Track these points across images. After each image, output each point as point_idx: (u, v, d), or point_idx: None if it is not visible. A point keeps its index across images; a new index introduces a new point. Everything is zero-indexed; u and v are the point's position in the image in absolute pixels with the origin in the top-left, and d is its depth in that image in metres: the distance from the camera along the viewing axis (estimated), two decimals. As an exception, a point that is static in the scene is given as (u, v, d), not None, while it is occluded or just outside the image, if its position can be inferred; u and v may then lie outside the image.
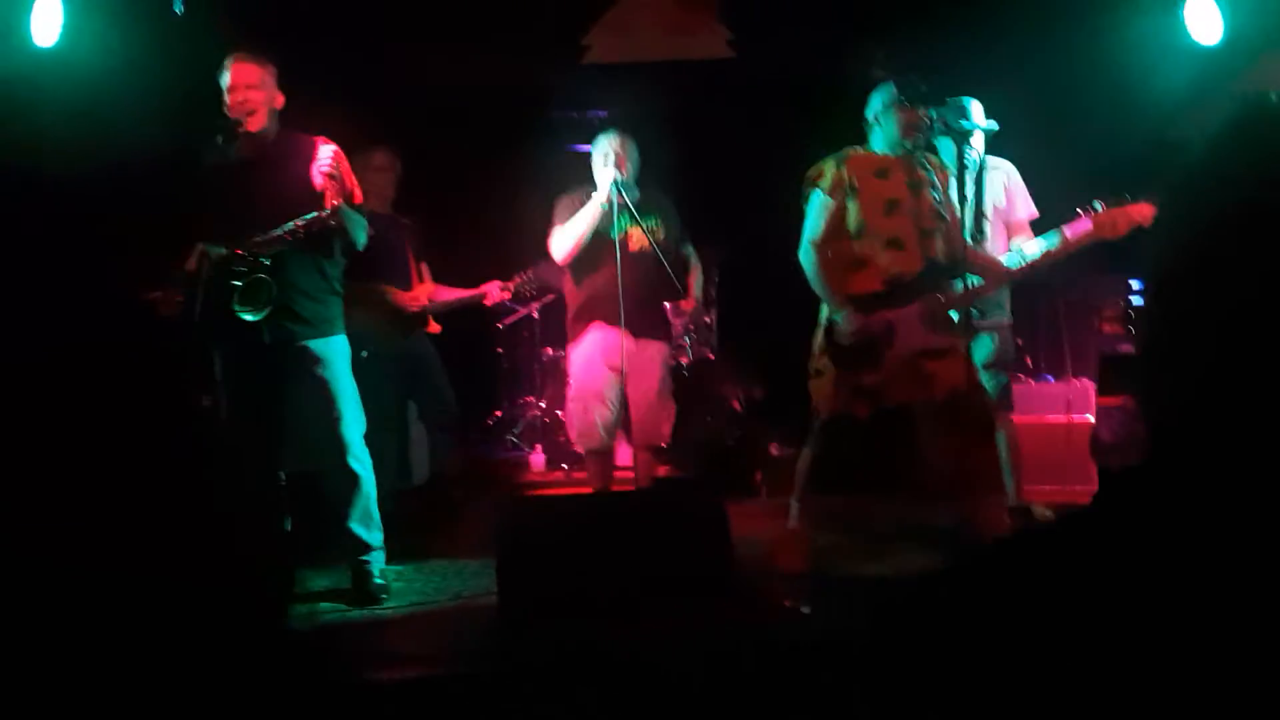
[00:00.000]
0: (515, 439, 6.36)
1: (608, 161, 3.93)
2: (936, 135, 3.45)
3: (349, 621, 3.31)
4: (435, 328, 4.63)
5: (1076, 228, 3.40)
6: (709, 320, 6.16)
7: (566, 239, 3.94)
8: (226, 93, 3.29)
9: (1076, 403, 4.48)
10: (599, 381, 3.96)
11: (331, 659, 3.01)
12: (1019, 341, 4.91)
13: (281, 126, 3.37)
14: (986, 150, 3.97)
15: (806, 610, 3.12)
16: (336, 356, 3.41)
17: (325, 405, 3.36)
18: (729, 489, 5.02)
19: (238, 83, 3.28)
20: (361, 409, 3.45)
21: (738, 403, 5.96)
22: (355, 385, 3.45)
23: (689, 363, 5.92)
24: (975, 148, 3.89)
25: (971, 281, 3.52)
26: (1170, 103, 3.96)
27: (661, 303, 4.06)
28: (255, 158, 3.34)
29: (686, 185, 5.78)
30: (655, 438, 4.07)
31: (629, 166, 3.96)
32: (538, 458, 6.00)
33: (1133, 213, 3.24)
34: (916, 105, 3.36)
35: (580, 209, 3.94)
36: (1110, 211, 3.26)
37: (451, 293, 4.64)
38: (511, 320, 6.16)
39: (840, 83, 5.49)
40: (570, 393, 4.09)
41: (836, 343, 3.39)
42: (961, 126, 3.72)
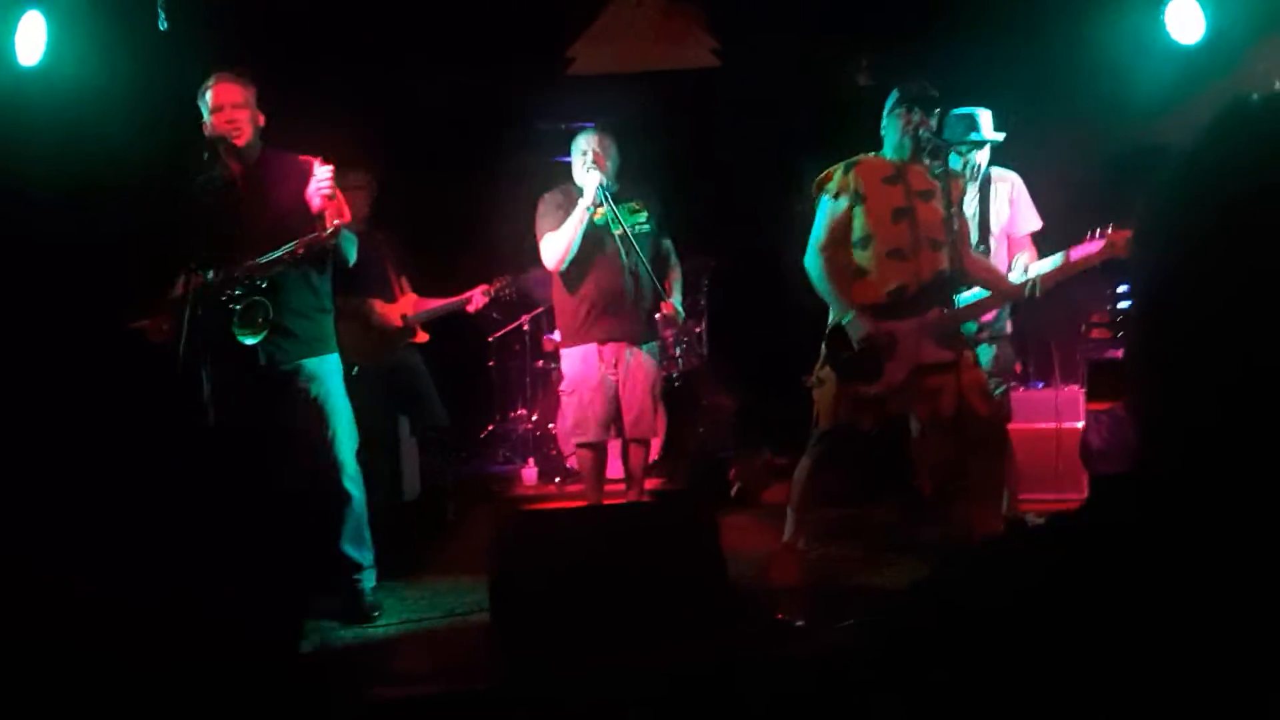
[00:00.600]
0: (507, 453, 6.34)
1: (587, 161, 3.92)
2: (937, 145, 3.43)
3: (340, 640, 3.29)
4: (423, 337, 4.63)
5: (1085, 248, 3.40)
6: (699, 330, 6.16)
7: (557, 246, 3.93)
8: (210, 113, 3.26)
9: (1066, 409, 4.49)
10: (594, 376, 3.97)
11: (323, 678, 2.98)
12: (1013, 347, 4.92)
13: (263, 146, 3.36)
14: (991, 161, 3.97)
15: (801, 623, 3.11)
16: (330, 375, 3.40)
17: (319, 424, 3.34)
18: (721, 500, 5.04)
19: (223, 102, 3.26)
20: (354, 427, 3.44)
21: (728, 413, 5.97)
22: (348, 403, 3.44)
23: (679, 372, 5.92)
24: (980, 159, 3.90)
25: (976, 295, 3.51)
26: (1151, 103, 3.97)
27: (650, 300, 4.06)
28: (243, 178, 3.32)
29: (674, 195, 5.80)
30: (647, 430, 4.08)
31: (609, 164, 3.95)
32: (530, 471, 5.98)
33: None
34: (913, 109, 3.36)
35: (562, 209, 3.94)
36: (1119, 232, 3.26)
37: (434, 302, 4.64)
38: (502, 333, 6.14)
39: (827, 92, 5.54)
40: (565, 386, 4.08)
41: (840, 353, 3.37)
42: (970, 139, 3.74)
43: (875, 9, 5.27)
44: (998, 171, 3.99)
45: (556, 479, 5.81)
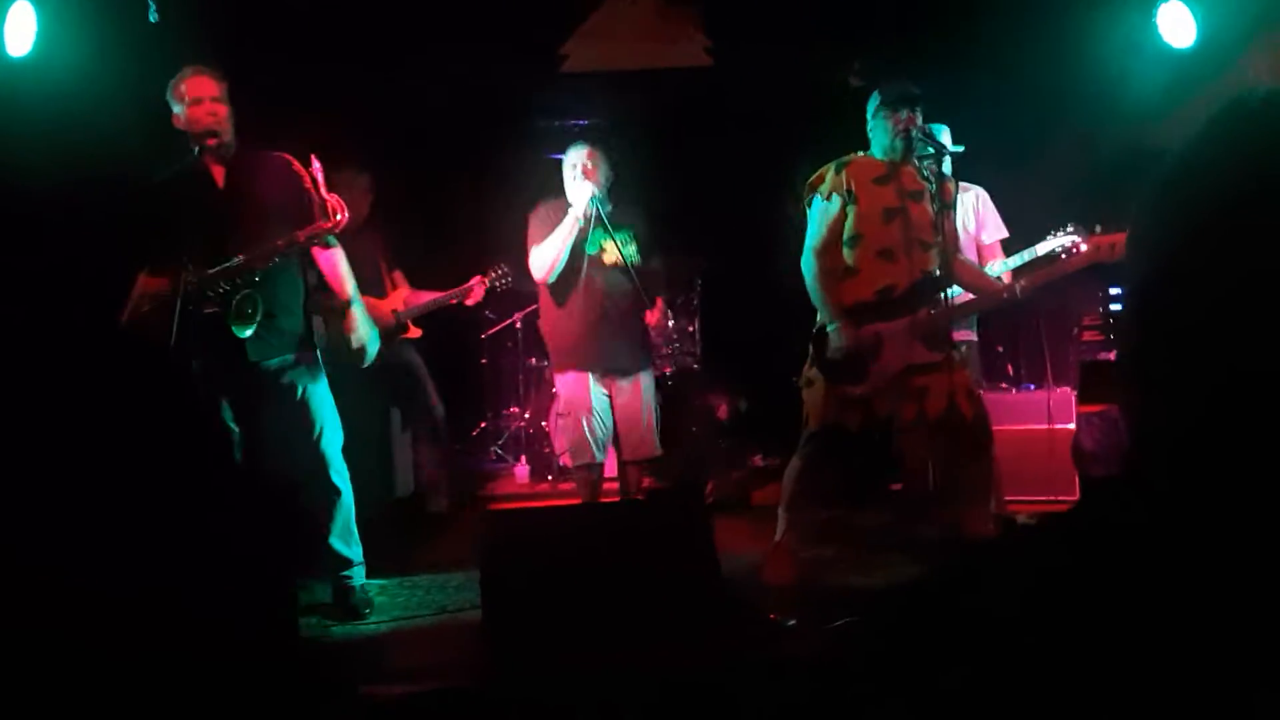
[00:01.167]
0: (499, 451, 6.32)
1: (577, 174, 3.90)
2: (932, 145, 3.44)
3: (331, 637, 3.28)
4: (415, 332, 4.60)
5: (1054, 243, 3.43)
6: (691, 329, 6.15)
7: (546, 256, 3.90)
8: (188, 105, 3.23)
9: (1058, 411, 4.50)
10: (589, 400, 3.95)
11: (313, 675, 2.97)
12: (999, 349, 4.94)
13: (238, 141, 3.33)
14: (956, 176, 3.99)
15: (793, 623, 3.11)
16: (315, 370, 3.38)
17: (305, 420, 3.33)
18: (714, 500, 5.04)
19: (203, 95, 3.23)
20: (340, 423, 3.43)
21: (722, 413, 5.97)
22: (333, 399, 3.43)
23: (672, 372, 5.91)
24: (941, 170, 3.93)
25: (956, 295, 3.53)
26: (1144, 107, 3.99)
27: (641, 321, 4.04)
28: (224, 172, 3.31)
29: (667, 193, 5.80)
30: (645, 452, 4.06)
31: (600, 178, 3.92)
32: (522, 469, 5.97)
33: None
34: (899, 108, 3.36)
35: (552, 222, 3.91)
36: (1110, 236, 3.27)
37: (428, 295, 4.63)
38: (494, 331, 6.13)
39: (819, 91, 5.54)
40: (559, 407, 4.07)
41: (827, 354, 3.38)
42: (940, 143, 3.76)
43: (868, 11, 5.27)
44: (962, 184, 4.02)
45: (549, 477, 5.80)
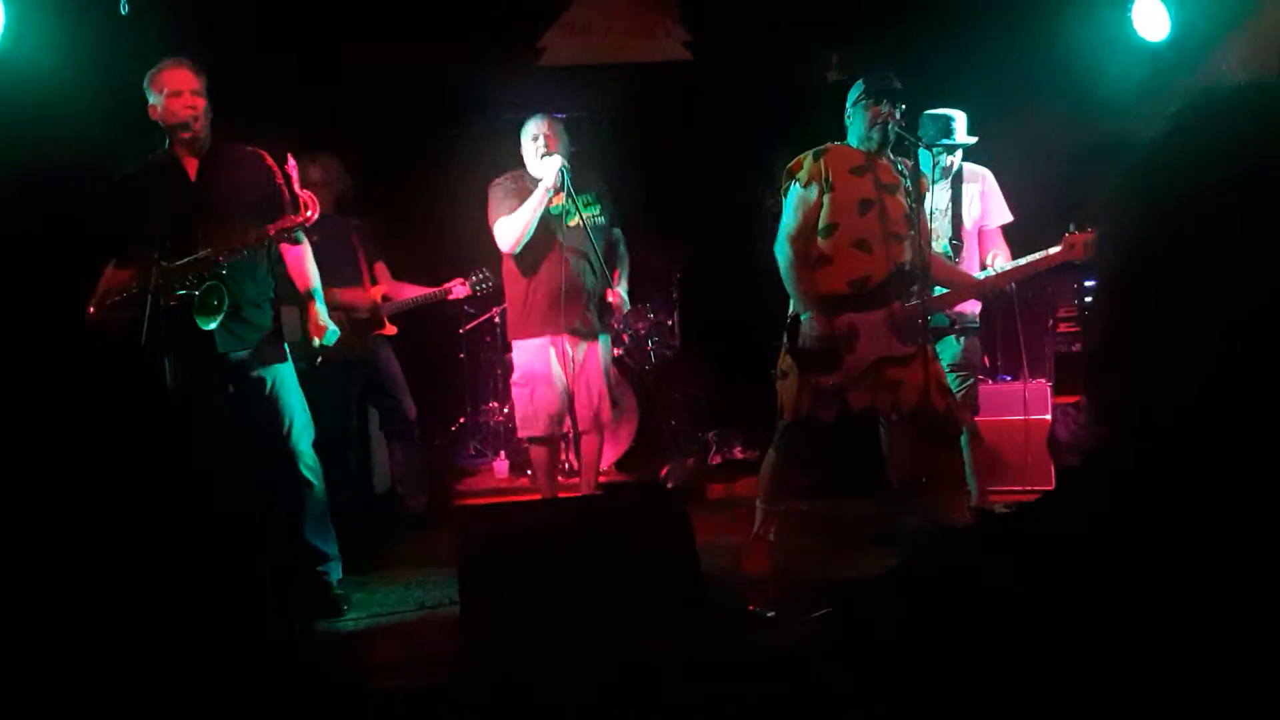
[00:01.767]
0: (478, 446, 6.30)
1: (540, 146, 3.90)
2: (906, 141, 3.45)
3: (308, 634, 3.25)
4: (391, 329, 4.57)
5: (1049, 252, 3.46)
6: (670, 322, 6.15)
7: (514, 228, 3.90)
8: (167, 97, 3.21)
9: (1034, 402, 4.53)
10: (546, 370, 3.94)
11: (291, 672, 2.95)
12: (979, 340, 4.96)
13: (212, 135, 3.31)
14: (964, 158, 4.01)
15: (771, 614, 3.12)
16: (283, 364, 3.36)
17: (274, 413, 3.31)
18: (692, 492, 5.04)
19: (183, 87, 3.21)
20: (310, 416, 3.40)
21: (700, 404, 5.97)
22: (302, 392, 3.41)
23: (651, 365, 5.91)
24: (951, 160, 3.94)
25: (934, 291, 3.54)
26: (1118, 101, 4.01)
27: (602, 292, 4.05)
28: (197, 165, 3.28)
29: (646, 187, 5.79)
30: (599, 423, 4.06)
31: (559, 148, 3.92)
32: (501, 464, 5.94)
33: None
34: (880, 100, 3.37)
35: (514, 195, 3.91)
36: (1085, 234, 3.29)
37: (412, 290, 4.59)
38: (473, 325, 6.10)
39: (798, 85, 5.54)
40: (516, 379, 4.05)
41: (800, 345, 3.38)
42: (943, 142, 3.79)
43: (843, 5, 5.28)
44: (969, 168, 4.03)
45: (528, 471, 5.77)
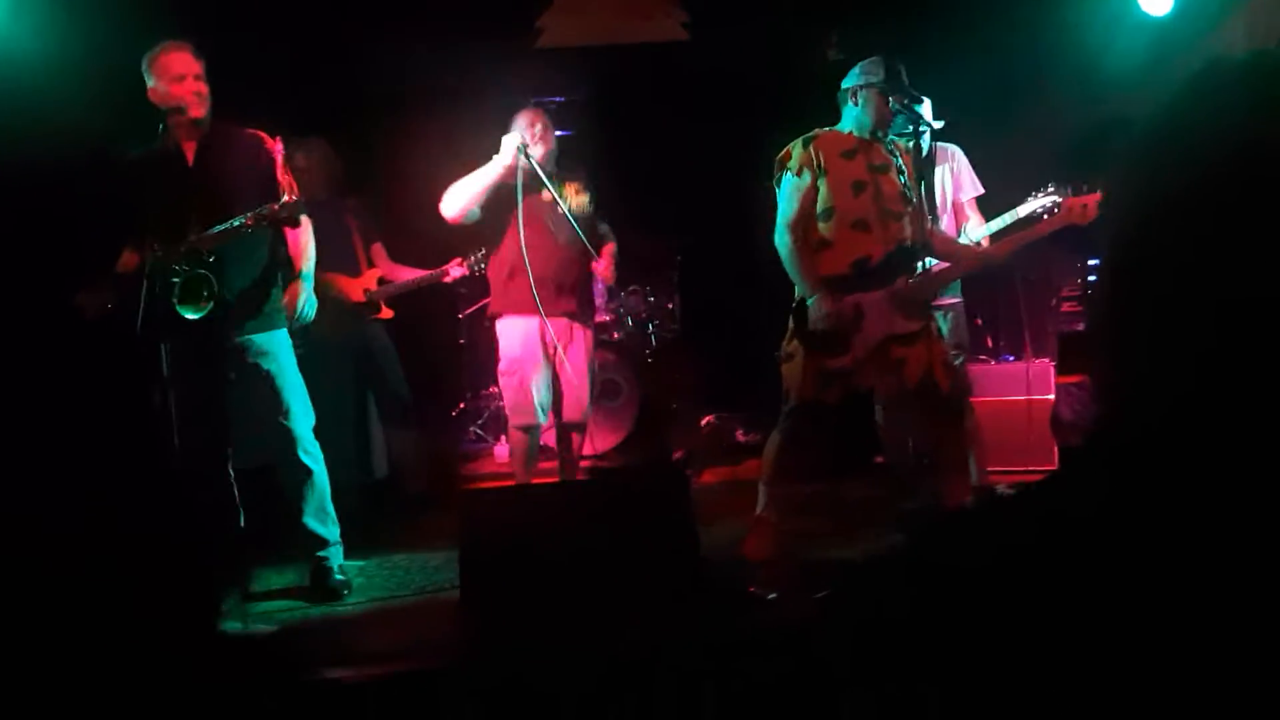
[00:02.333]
0: (479, 430, 6.30)
1: (533, 133, 3.90)
2: (911, 117, 3.43)
3: (309, 619, 3.25)
4: (388, 313, 4.55)
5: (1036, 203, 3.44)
6: (671, 305, 6.14)
7: (459, 195, 3.87)
8: (169, 81, 3.18)
9: (1037, 382, 4.51)
10: (535, 357, 3.92)
11: (292, 657, 2.94)
12: (978, 321, 4.95)
13: (212, 119, 3.28)
14: (934, 137, 3.99)
15: (773, 596, 3.11)
16: (280, 349, 3.36)
17: (272, 399, 3.30)
18: (695, 474, 5.04)
19: (185, 72, 3.18)
20: (309, 401, 3.39)
21: (703, 389, 5.96)
22: (301, 377, 3.40)
23: (651, 349, 5.90)
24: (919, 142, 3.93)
25: (933, 264, 3.53)
26: (1122, 75, 3.98)
27: (587, 277, 4.04)
28: (195, 148, 3.26)
29: (647, 170, 5.76)
30: (583, 415, 4.06)
31: (544, 139, 3.92)
32: (502, 448, 5.94)
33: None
34: (883, 85, 3.34)
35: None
36: (1083, 198, 3.26)
37: (408, 273, 4.57)
38: (472, 310, 6.08)
39: (798, 66, 5.50)
40: (503, 367, 4.02)
41: (806, 327, 3.37)
42: (908, 130, 3.75)
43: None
44: (939, 148, 4.05)
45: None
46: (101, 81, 3.59)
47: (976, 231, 4.01)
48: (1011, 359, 4.77)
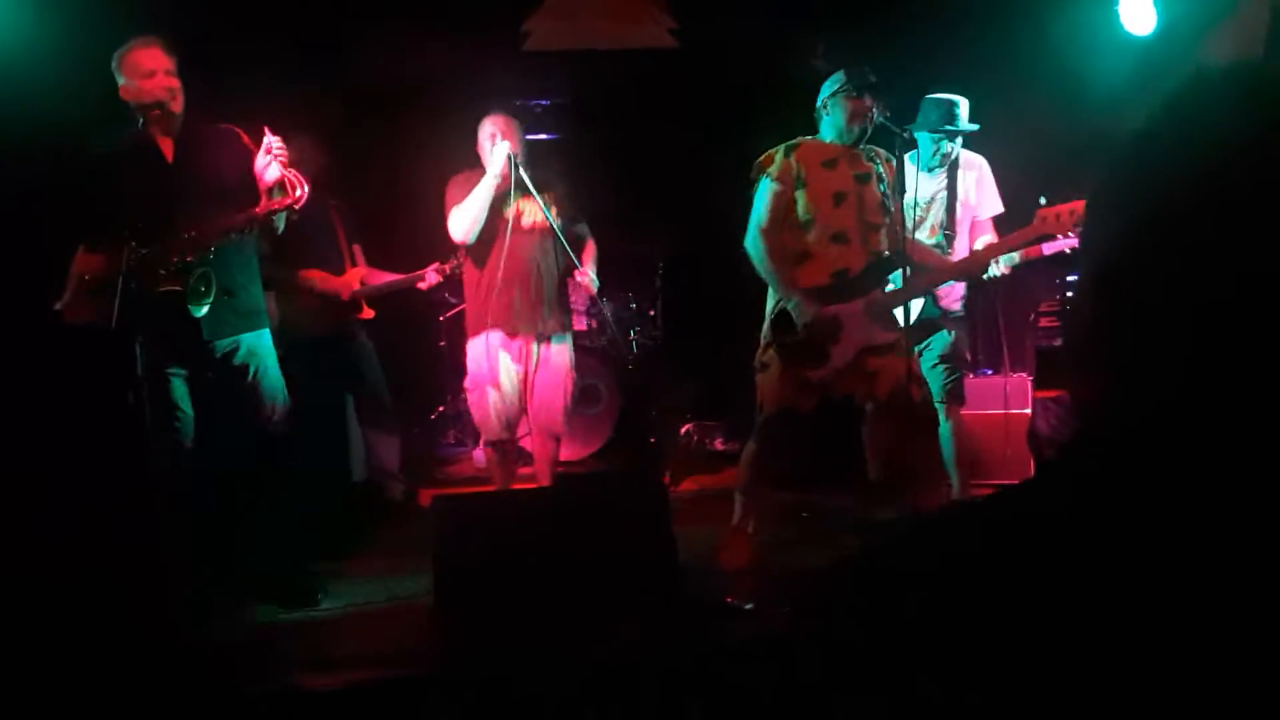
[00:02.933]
0: (457, 433, 6.27)
1: (495, 139, 3.89)
2: (889, 130, 3.44)
3: (281, 624, 3.22)
4: (369, 313, 4.54)
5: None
6: (652, 313, 6.13)
7: (464, 217, 3.88)
8: (140, 78, 3.14)
9: (1014, 396, 4.54)
10: (496, 371, 3.91)
11: (263, 663, 2.92)
12: (968, 332, 4.97)
13: (187, 115, 3.24)
14: (962, 145, 3.99)
15: (750, 606, 3.11)
16: (266, 350, 3.34)
17: (256, 400, 3.27)
18: (674, 482, 5.04)
19: (155, 67, 3.15)
20: (290, 403, 3.36)
21: (682, 395, 5.96)
22: (283, 379, 3.36)
23: (632, 355, 5.89)
24: (950, 146, 3.92)
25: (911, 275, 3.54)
26: (1104, 94, 4.01)
27: (564, 283, 4.05)
28: (172, 145, 3.23)
29: (629, 176, 5.76)
30: (555, 426, 4.04)
31: (518, 141, 3.92)
32: (480, 453, 5.91)
33: (1078, 208, 3.24)
34: (863, 95, 3.36)
35: (473, 186, 3.89)
36: (1056, 207, 3.28)
37: (386, 276, 4.56)
38: (453, 313, 6.06)
39: (784, 75, 5.52)
40: (467, 383, 4.02)
41: (782, 337, 3.38)
42: (944, 128, 3.77)
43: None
44: (966, 156, 4.01)
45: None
46: (83, 77, 3.55)
47: (977, 243, 3.94)
48: (989, 373, 4.80)
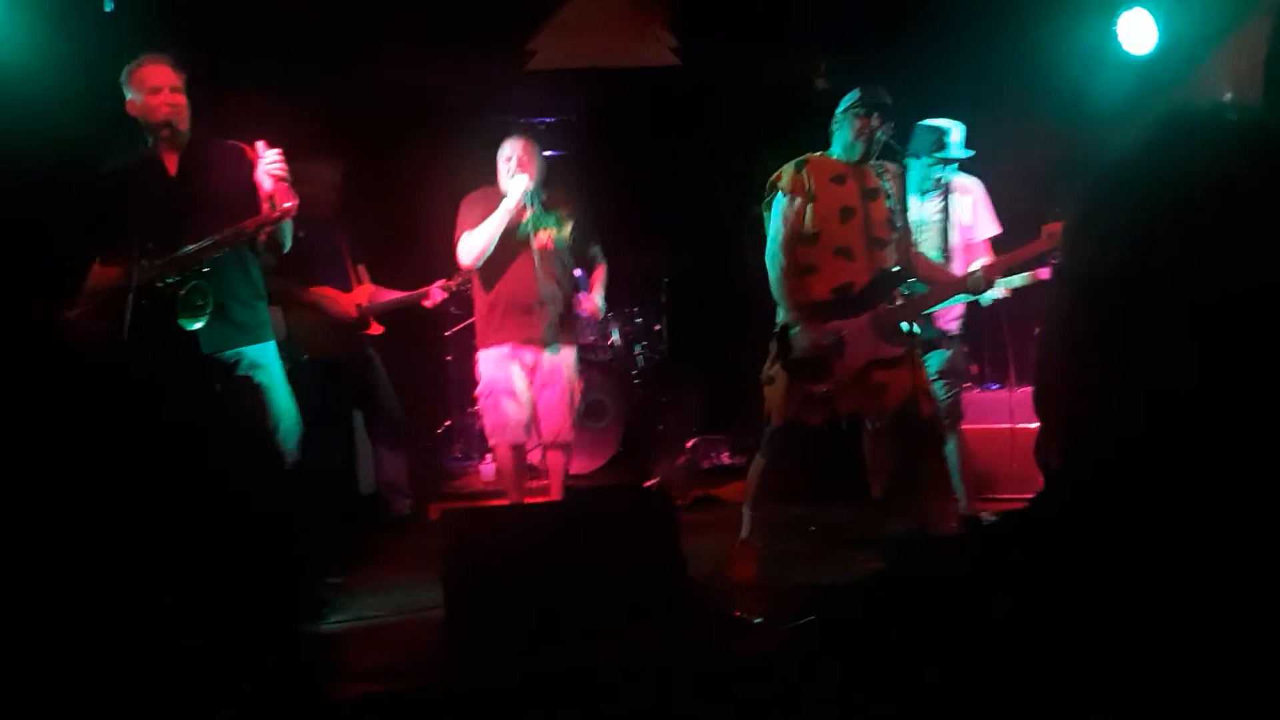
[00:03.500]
0: (464, 448, 6.28)
1: (512, 165, 3.93)
2: (893, 149, 3.48)
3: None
4: (377, 329, 4.56)
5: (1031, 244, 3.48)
6: (658, 327, 6.15)
7: (475, 244, 3.93)
8: (146, 94, 3.18)
9: (1020, 410, 4.54)
10: (508, 380, 3.96)
11: (269, 677, 2.92)
12: (965, 348, 4.98)
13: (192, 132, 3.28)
14: (958, 169, 4.02)
15: (758, 620, 3.11)
16: (271, 362, 3.36)
17: (262, 413, 3.27)
18: (681, 496, 5.04)
19: (162, 84, 3.19)
20: (298, 416, 3.38)
21: (688, 408, 5.97)
22: (290, 391, 3.38)
23: (638, 370, 5.91)
24: (944, 170, 3.94)
25: (917, 291, 3.56)
26: (1104, 113, 4.04)
27: (571, 306, 4.10)
28: (177, 160, 3.26)
29: (634, 192, 5.79)
30: (564, 435, 4.08)
31: (535, 169, 3.97)
32: (487, 467, 5.92)
33: None
34: (871, 114, 3.39)
35: (481, 208, 3.95)
36: (1056, 224, 3.30)
37: (392, 294, 4.59)
38: (459, 328, 6.08)
39: (787, 92, 5.57)
40: (480, 391, 4.06)
41: (788, 351, 3.39)
42: (937, 156, 3.79)
43: (832, 14, 5.30)
44: (960, 180, 4.03)
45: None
46: (93, 94, 3.58)
47: (979, 263, 3.97)
48: (995, 387, 4.80)
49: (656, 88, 5.96)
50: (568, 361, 4.07)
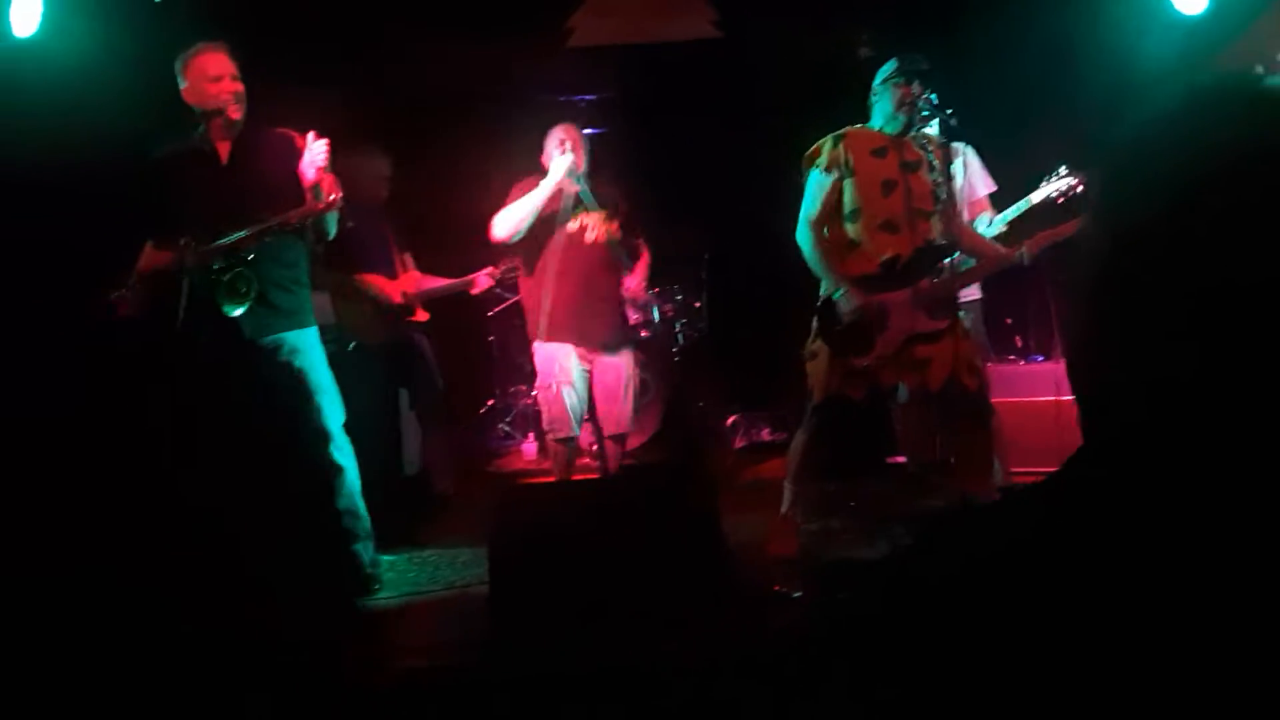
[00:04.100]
0: (507, 428, 6.35)
1: (563, 149, 3.92)
2: (928, 118, 3.42)
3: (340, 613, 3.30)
4: (423, 315, 4.62)
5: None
6: (698, 304, 6.14)
7: (511, 218, 3.90)
8: (206, 82, 3.24)
9: (1065, 383, 4.47)
10: (567, 372, 3.97)
11: (321, 652, 3.00)
12: (1008, 320, 4.91)
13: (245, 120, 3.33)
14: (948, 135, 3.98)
15: (798, 595, 3.12)
16: (311, 347, 3.40)
17: (303, 396, 3.35)
18: (722, 472, 5.05)
19: (221, 72, 3.24)
20: (339, 398, 3.43)
21: (729, 387, 5.97)
22: (331, 375, 3.44)
23: (678, 347, 5.91)
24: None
25: (965, 263, 3.52)
26: (1155, 75, 3.93)
27: (620, 296, 4.09)
28: (229, 148, 3.32)
29: (675, 168, 5.77)
30: (623, 427, 4.10)
31: (583, 157, 3.95)
32: (530, 446, 5.99)
33: None
34: (911, 81, 3.34)
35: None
36: None
37: (437, 281, 4.64)
38: (502, 308, 6.13)
39: (829, 64, 5.49)
40: (539, 381, 4.08)
41: (831, 326, 3.37)
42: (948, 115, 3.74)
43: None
44: (951, 146, 4.00)
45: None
46: (143, 85, 3.66)
47: (991, 227, 4.00)
48: (1040, 359, 4.73)
49: (698, 61, 5.91)
50: (627, 357, 4.09)
